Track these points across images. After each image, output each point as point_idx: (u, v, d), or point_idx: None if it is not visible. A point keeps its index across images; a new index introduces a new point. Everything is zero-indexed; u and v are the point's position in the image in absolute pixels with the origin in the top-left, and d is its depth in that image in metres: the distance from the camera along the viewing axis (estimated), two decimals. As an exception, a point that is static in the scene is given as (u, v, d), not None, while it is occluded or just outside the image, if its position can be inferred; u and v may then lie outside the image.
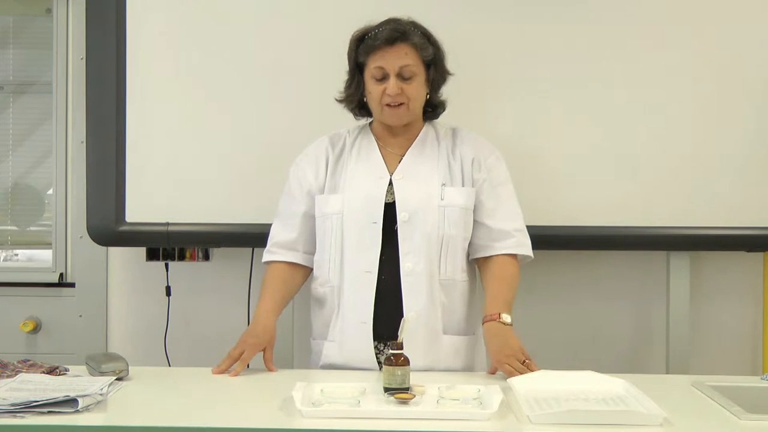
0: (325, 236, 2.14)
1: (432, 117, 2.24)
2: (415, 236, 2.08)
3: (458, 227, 2.12)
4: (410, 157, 2.16)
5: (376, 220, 2.09)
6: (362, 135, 2.22)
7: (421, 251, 2.08)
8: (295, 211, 2.19)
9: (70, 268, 3.07)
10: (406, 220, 2.08)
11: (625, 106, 2.68)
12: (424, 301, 2.08)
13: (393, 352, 1.78)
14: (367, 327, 2.08)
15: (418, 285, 2.08)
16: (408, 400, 1.69)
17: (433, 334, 2.10)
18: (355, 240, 2.10)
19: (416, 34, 2.11)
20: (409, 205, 2.09)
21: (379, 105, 2.11)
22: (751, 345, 2.92)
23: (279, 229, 2.22)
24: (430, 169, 2.15)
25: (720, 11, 2.67)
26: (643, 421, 1.60)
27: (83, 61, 2.86)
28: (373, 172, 2.15)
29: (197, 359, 2.89)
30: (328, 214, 2.13)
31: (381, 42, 2.07)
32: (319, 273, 2.17)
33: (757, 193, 2.67)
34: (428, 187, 2.12)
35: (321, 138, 2.25)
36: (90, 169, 2.75)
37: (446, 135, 2.21)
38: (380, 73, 2.09)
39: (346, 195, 2.12)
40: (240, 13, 2.70)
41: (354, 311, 2.10)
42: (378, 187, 2.12)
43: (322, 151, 2.20)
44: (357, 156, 2.18)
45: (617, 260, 2.91)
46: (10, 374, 1.89)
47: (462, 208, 2.12)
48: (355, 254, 2.10)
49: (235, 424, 1.61)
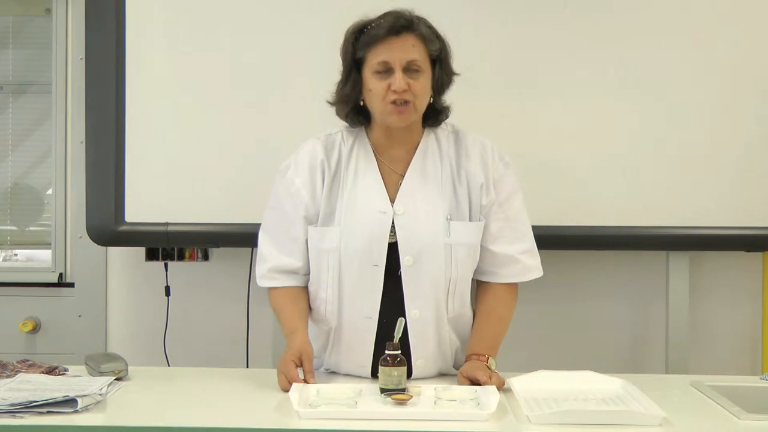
0: (321, 272, 1.94)
1: (433, 124, 1.99)
2: (421, 281, 1.89)
3: (466, 266, 1.94)
4: (411, 180, 1.93)
5: (378, 263, 1.88)
6: (358, 144, 1.97)
7: (429, 296, 1.90)
8: (295, 236, 1.96)
9: (69, 268, 3.07)
10: (410, 264, 1.88)
11: (625, 106, 2.68)
12: (433, 346, 1.94)
13: (389, 352, 1.77)
14: (365, 370, 1.94)
15: (426, 330, 1.92)
16: (405, 401, 1.69)
17: (445, 375, 1.99)
18: (355, 282, 1.90)
19: (422, 25, 1.89)
20: (413, 246, 1.88)
21: (383, 103, 1.86)
22: (751, 345, 2.92)
23: (274, 251, 1.98)
24: (433, 196, 1.92)
25: (720, 11, 2.67)
26: (642, 421, 1.59)
27: (83, 61, 2.86)
28: (373, 200, 1.91)
29: (197, 359, 2.91)
30: (324, 250, 1.92)
31: (384, 32, 1.84)
32: (315, 308, 1.98)
33: (756, 193, 2.67)
34: (433, 223, 1.90)
35: (312, 142, 1.99)
36: (89, 169, 2.75)
37: (449, 143, 1.98)
38: (384, 67, 1.85)
39: (344, 230, 1.90)
40: (240, 13, 2.70)
41: (353, 355, 1.95)
42: (381, 225, 1.89)
43: (317, 164, 1.95)
44: (354, 176, 1.94)
45: (617, 260, 2.91)
46: (10, 374, 1.89)
47: (470, 245, 1.93)
48: (355, 298, 1.91)
49: (233, 424, 1.60)
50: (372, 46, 1.87)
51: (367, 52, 1.88)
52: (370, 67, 1.87)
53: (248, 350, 2.90)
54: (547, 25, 2.68)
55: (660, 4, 2.67)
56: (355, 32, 1.91)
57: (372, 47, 1.87)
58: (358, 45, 1.89)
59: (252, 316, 2.89)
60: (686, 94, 2.68)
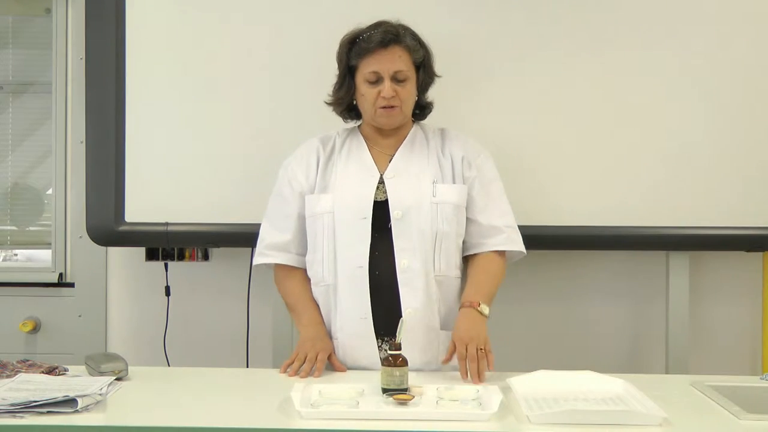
0: (317, 236, 2.13)
1: (420, 118, 2.25)
2: (410, 233, 2.08)
3: (452, 224, 2.12)
4: (400, 156, 2.17)
5: (366, 216, 2.08)
6: (352, 136, 2.23)
7: (416, 248, 2.08)
8: (288, 212, 2.19)
9: (69, 268, 3.07)
10: (399, 217, 2.08)
11: (625, 107, 2.68)
12: (421, 297, 2.07)
13: (391, 352, 1.78)
14: (367, 322, 2.07)
15: (414, 281, 2.07)
16: (407, 401, 1.69)
17: (431, 331, 2.10)
18: (347, 237, 2.09)
19: (408, 36, 2.13)
20: (402, 202, 2.09)
21: (373, 107, 2.12)
22: (751, 345, 2.92)
23: (270, 230, 2.22)
24: (420, 167, 2.15)
25: (719, 11, 2.67)
26: (642, 421, 1.60)
27: (83, 61, 2.86)
28: (363, 170, 2.15)
29: (196, 359, 2.91)
30: (318, 214, 2.13)
31: (375, 45, 2.09)
32: (313, 273, 2.16)
33: (756, 192, 2.67)
34: (420, 185, 2.12)
35: (311, 139, 2.25)
36: (89, 169, 2.75)
37: (435, 135, 2.22)
38: (375, 76, 2.10)
39: (336, 194, 2.12)
40: (239, 13, 2.70)
41: (352, 308, 2.09)
42: (368, 184, 2.12)
43: (313, 151, 2.20)
44: (347, 156, 2.19)
45: (617, 260, 2.91)
46: (10, 374, 1.89)
47: (455, 204, 2.13)
48: (347, 251, 2.09)
49: (234, 424, 1.61)
50: (364, 56, 2.11)
51: (360, 62, 2.12)
52: (362, 75, 2.12)
53: (248, 350, 2.90)
54: (543, 24, 2.67)
55: (659, 4, 2.67)
56: (349, 42, 2.15)
57: (364, 57, 2.11)
58: (352, 54, 2.14)
59: (252, 316, 2.89)
60: (686, 94, 2.67)
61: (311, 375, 1.98)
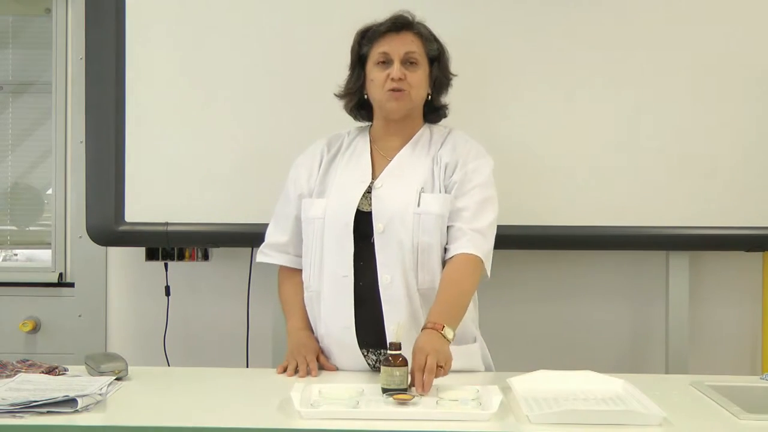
0: (308, 239, 2.12)
1: (433, 120, 2.20)
2: (391, 247, 2.03)
3: (433, 235, 2.03)
4: (398, 161, 2.12)
5: (348, 223, 2.04)
6: (360, 137, 2.19)
7: (396, 262, 2.02)
8: (288, 213, 2.19)
9: (69, 268, 3.07)
10: (381, 231, 2.03)
11: (624, 107, 2.68)
12: (404, 312, 2.01)
13: (391, 352, 1.77)
14: (350, 332, 2.03)
15: (397, 296, 2.02)
16: (407, 401, 1.69)
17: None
18: (332, 244, 2.06)
19: (421, 26, 2.12)
20: (384, 215, 2.04)
21: (382, 89, 2.07)
22: (751, 345, 2.92)
23: (273, 229, 2.23)
24: (414, 173, 2.09)
25: (719, 11, 2.67)
26: (642, 421, 1.60)
27: (82, 61, 2.86)
28: (356, 177, 2.10)
29: (196, 359, 2.91)
30: (311, 218, 2.11)
31: (386, 28, 2.08)
32: (304, 277, 2.15)
33: (756, 193, 2.67)
34: (406, 195, 2.05)
35: (320, 139, 2.22)
36: (89, 169, 2.75)
37: (439, 137, 2.15)
38: (384, 57, 2.07)
39: (329, 200, 2.10)
40: (239, 13, 2.70)
41: (335, 316, 2.05)
42: (355, 193, 2.07)
43: (318, 152, 2.18)
44: (348, 159, 2.15)
45: (617, 260, 2.91)
46: (10, 374, 1.89)
47: (437, 215, 2.04)
48: (332, 259, 2.06)
49: (234, 424, 1.61)
50: (374, 41, 2.10)
51: (371, 47, 2.11)
52: (372, 59, 2.10)
53: (248, 350, 2.90)
54: (547, 26, 2.67)
55: (659, 4, 2.67)
56: (362, 32, 2.15)
57: (375, 42, 2.10)
58: (364, 42, 2.13)
59: (252, 316, 2.89)
60: (686, 94, 2.68)
61: (309, 374, 1.98)
